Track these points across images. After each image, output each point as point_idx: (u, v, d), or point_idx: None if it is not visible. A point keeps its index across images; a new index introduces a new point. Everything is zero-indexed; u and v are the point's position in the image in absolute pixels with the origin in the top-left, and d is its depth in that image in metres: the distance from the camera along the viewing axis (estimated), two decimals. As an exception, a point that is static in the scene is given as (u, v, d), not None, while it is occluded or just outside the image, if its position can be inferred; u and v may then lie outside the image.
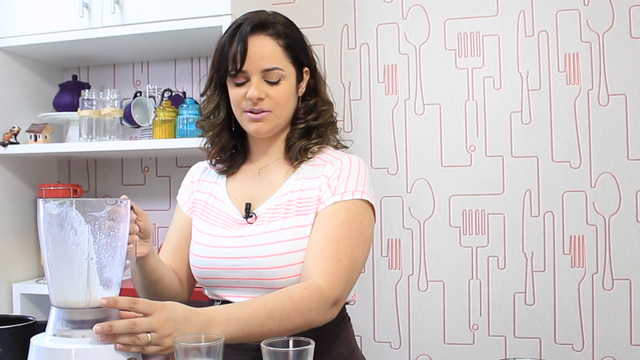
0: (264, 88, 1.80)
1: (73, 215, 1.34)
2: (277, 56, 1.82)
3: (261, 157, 1.94)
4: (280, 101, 1.82)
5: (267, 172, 1.92)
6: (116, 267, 1.42)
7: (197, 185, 2.02)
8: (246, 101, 1.80)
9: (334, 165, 1.84)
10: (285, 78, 1.83)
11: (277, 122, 1.85)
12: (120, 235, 1.42)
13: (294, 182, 1.85)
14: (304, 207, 1.80)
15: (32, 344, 1.37)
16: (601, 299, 2.82)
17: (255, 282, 1.77)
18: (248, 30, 1.79)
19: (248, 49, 1.78)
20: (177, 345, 1.31)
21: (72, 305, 1.37)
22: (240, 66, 1.78)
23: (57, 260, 1.38)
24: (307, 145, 1.89)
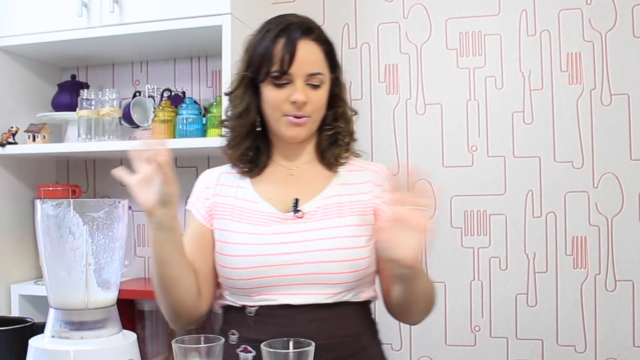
0: (306, 92, 1.79)
1: (71, 217, 1.34)
2: (321, 61, 1.83)
3: (288, 159, 1.92)
4: (319, 106, 1.83)
5: (302, 174, 1.91)
6: (114, 268, 1.42)
7: (216, 190, 1.92)
8: (289, 105, 1.78)
9: (378, 173, 1.93)
10: (324, 83, 1.83)
11: (312, 127, 1.85)
12: (118, 236, 1.42)
13: (338, 187, 1.87)
14: (360, 208, 1.84)
15: (31, 345, 1.37)
16: (604, 301, 2.80)
17: (311, 278, 1.74)
18: (299, 34, 1.79)
19: (297, 51, 1.77)
20: (177, 346, 1.31)
21: (71, 307, 1.38)
22: (288, 68, 1.76)
23: (55, 261, 1.39)
24: (340, 152, 1.91)
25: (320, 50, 1.82)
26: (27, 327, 1.54)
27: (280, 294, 1.75)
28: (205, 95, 3.19)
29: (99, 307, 1.38)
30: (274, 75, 1.78)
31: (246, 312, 1.78)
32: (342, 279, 1.74)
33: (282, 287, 1.74)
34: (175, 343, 1.32)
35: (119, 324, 1.44)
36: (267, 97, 1.81)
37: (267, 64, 1.79)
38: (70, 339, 1.36)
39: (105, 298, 1.41)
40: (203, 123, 2.86)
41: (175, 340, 1.33)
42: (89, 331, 1.36)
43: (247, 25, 2.79)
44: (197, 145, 2.76)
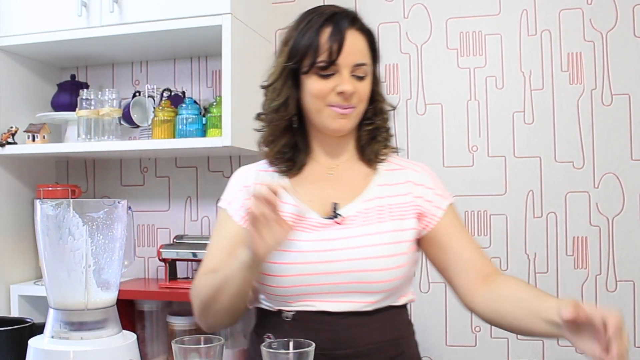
0: (353, 83, 1.74)
1: (70, 217, 1.34)
2: (366, 52, 1.79)
3: (328, 157, 1.87)
4: (364, 98, 1.78)
5: (340, 174, 1.86)
6: (114, 268, 1.42)
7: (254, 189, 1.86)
8: (335, 95, 1.73)
9: (418, 172, 1.88)
10: (368, 75, 1.79)
11: (356, 120, 1.81)
12: (118, 236, 1.41)
13: (377, 189, 1.82)
14: (399, 212, 1.79)
15: (30, 345, 1.37)
16: (605, 301, 2.79)
17: (351, 287, 1.70)
18: (347, 24, 1.75)
19: (345, 40, 1.72)
20: (176, 347, 1.30)
21: (70, 307, 1.37)
22: (336, 58, 1.71)
23: (55, 261, 1.39)
24: (380, 148, 1.87)
25: (365, 40, 1.79)
26: (26, 327, 1.54)
27: (318, 301, 1.71)
28: (205, 95, 3.19)
29: (98, 307, 1.38)
30: (320, 65, 1.73)
31: (282, 317, 1.74)
32: (382, 287, 1.71)
33: (321, 294, 1.70)
34: (175, 343, 1.33)
35: (118, 325, 1.44)
36: (311, 88, 1.76)
37: (312, 55, 1.73)
38: (70, 340, 1.36)
39: (105, 298, 1.40)
40: (203, 123, 2.85)
41: (175, 341, 1.34)
42: (88, 331, 1.36)
43: (247, 25, 2.79)
44: (197, 145, 2.76)
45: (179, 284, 2.90)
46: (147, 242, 3.27)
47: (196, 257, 2.87)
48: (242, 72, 2.75)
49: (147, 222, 3.26)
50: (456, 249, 1.79)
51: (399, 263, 1.72)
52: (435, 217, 1.80)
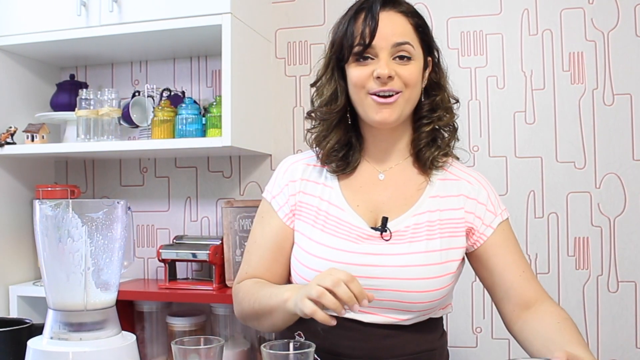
0: (393, 66, 1.65)
1: (69, 217, 1.33)
2: (409, 33, 1.69)
3: (381, 157, 1.81)
4: (410, 81, 1.67)
5: (392, 179, 1.79)
6: (114, 269, 1.41)
7: (301, 186, 1.80)
8: (373, 81, 1.66)
9: (472, 185, 1.80)
10: (415, 58, 1.69)
11: (404, 109, 1.70)
12: (117, 237, 1.41)
13: (429, 201, 1.74)
14: (449, 229, 1.73)
15: (29, 347, 1.36)
16: (606, 302, 2.78)
17: (392, 304, 1.66)
18: (379, 6, 1.68)
19: (379, 22, 1.65)
20: (176, 348, 1.30)
21: (70, 308, 1.37)
22: (370, 41, 1.64)
23: (54, 262, 1.38)
24: (438, 155, 1.77)
25: (407, 22, 1.70)
26: (25, 328, 1.54)
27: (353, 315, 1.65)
28: (204, 95, 3.18)
29: (98, 308, 1.38)
30: (356, 51, 1.67)
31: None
32: (423, 307, 1.67)
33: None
34: (174, 344, 1.33)
35: (118, 325, 1.43)
36: (351, 76, 1.70)
37: (348, 41, 1.68)
38: (69, 341, 1.35)
39: (105, 299, 1.40)
40: (203, 123, 2.84)
41: (175, 342, 1.34)
42: (87, 332, 1.35)
43: (247, 25, 2.78)
44: (196, 145, 2.75)
45: (179, 285, 2.89)
46: (146, 242, 3.26)
47: (196, 257, 2.86)
48: (242, 71, 2.74)
49: (147, 222, 3.25)
50: (501, 272, 1.73)
51: (445, 284, 1.68)
52: (483, 236, 1.75)
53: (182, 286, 2.88)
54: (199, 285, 2.87)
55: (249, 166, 3.12)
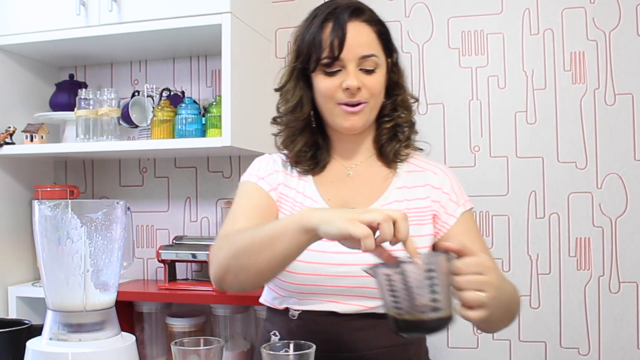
0: (360, 77, 1.70)
1: (69, 218, 1.33)
2: (374, 43, 1.73)
3: (348, 155, 1.85)
4: (375, 91, 1.73)
5: (359, 174, 1.83)
6: (113, 269, 1.41)
7: (283, 178, 1.83)
8: (342, 92, 1.69)
9: (437, 175, 1.83)
10: (380, 67, 1.73)
11: (370, 116, 1.76)
12: (117, 237, 1.40)
13: (397, 192, 1.79)
14: (417, 217, 1.75)
15: (28, 347, 1.35)
16: (607, 302, 2.78)
17: (362, 291, 1.66)
18: (347, 16, 1.70)
19: (348, 28, 1.68)
20: (176, 349, 1.30)
21: (69, 309, 1.36)
22: (339, 53, 1.67)
23: (53, 263, 1.37)
24: (400, 147, 1.82)
25: (372, 31, 1.74)
26: (24, 329, 1.53)
27: (326, 301, 1.69)
28: (204, 95, 3.17)
29: (97, 309, 1.37)
30: (324, 62, 1.70)
31: (289, 315, 1.73)
32: None
33: (331, 295, 1.68)
34: (174, 345, 1.33)
35: (117, 326, 1.42)
36: (318, 87, 1.73)
37: (316, 52, 1.71)
38: (68, 341, 1.34)
39: (104, 300, 1.39)
40: (202, 123, 2.83)
41: (175, 343, 1.33)
42: (87, 333, 1.35)
43: (247, 24, 2.77)
44: (196, 145, 2.74)
45: (179, 286, 2.89)
46: (146, 243, 3.25)
47: (196, 258, 2.86)
48: (242, 71, 2.73)
49: (146, 222, 3.25)
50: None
51: None
52: (446, 225, 1.77)
53: (181, 287, 2.87)
54: (199, 286, 2.86)
55: (248, 166, 3.10)
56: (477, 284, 1.27)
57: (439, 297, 1.24)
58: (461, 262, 1.28)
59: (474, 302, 1.27)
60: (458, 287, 1.27)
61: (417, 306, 1.24)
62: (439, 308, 1.24)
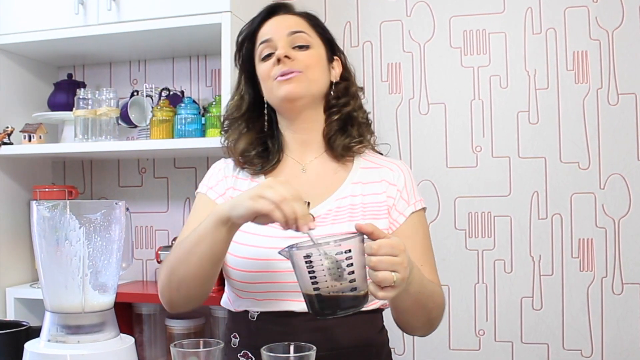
0: (291, 52, 1.76)
1: (67, 219, 1.32)
2: (303, 25, 1.83)
3: (300, 152, 1.87)
4: (310, 63, 1.78)
5: (313, 170, 1.85)
6: (112, 271, 1.41)
7: (232, 182, 1.86)
8: (275, 67, 1.76)
9: (393, 171, 1.85)
10: (313, 46, 1.81)
11: (309, 86, 1.78)
12: (115, 238, 1.40)
13: (352, 187, 1.81)
14: (372, 212, 1.77)
15: (27, 349, 1.35)
16: (611, 304, 2.77)
17: None
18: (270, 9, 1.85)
19: (271, 21, 1.82)
20: (175, 350, 1.30)
21: (67, 310, 1.36)
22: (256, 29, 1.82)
23: (52, 264, 1.37)
24: (350, 142, 1.84)
25: (300, 19, 1.84)
26: (22, 331, 1.53)
27: (283, 300, 1.69)
28: (204, 95, 3.16)
29: (95, 310, 1.37)
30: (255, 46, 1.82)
31: (249, 317, 1.74)
32: None
33: (286, 293, 1.68)
34: (173, 347, 1.32)
35: (116, 328, 1.42)
36: (259, 74, 1.82)
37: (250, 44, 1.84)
38: (67, 343, 1.34)
39: (103, 301, 1.39)
40: (202, 123, 2.82)
41: (174, 344, 1.33)
42: (85, 335, 1.34)
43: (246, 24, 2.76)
44: (196, 145, 2.73)
45: (178, 287, 2.87)
46: (145, 244, 3.24)
47: (195, 259, 2.84)
48: (242, 71, 2.72)
49: (146, 223, 3.23)
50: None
51: None
52: (396, 223, 1.79)
53: (181, 288, 2.85)
54: (199, 287, 2.85)
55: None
56: (390, 264, 1.35)
57: (355, 276, 1.34)
58: (375, 243, 1.36)
59: (386, 282, 1.34)
60: (372, 266, 1.35)
61: (336, 285, 1.34)
62: (355, 287, 1.35)
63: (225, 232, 1.53)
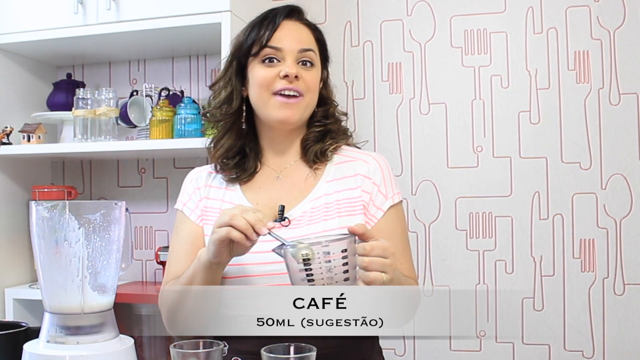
0: (298, 69, 1.76)
1: (66, 219, 1.33)
2: (312, 42, 1.83)
3: (276, 158, 1.88)
4: (312, 86, 1.79)
5: (288, 176, 1.85)
6: (111, 271, 1.41)
7: (205, 192, 1.88)
8: (279, 81, 1.75)
9: (369, 164, 1.84)
10: (316, 66, 1.82)
11: (304, 112, 1.80)
12: (115, 239, 1.40)
13: (326, 186, 1.81)
14: (347, 208, 1.77)
15: (25, 350, 1.35)
16: (612, 304, 2.76)
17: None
18: (284, 14, 1.81)
19: (285, 28, 1.79)
20: (175, 351, 1.30)
21: (66, 311, 1.35)
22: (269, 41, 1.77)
23: (51, 264, 1.37)
24: (323, 147, 1.84)
25: (310, 33, 1.84)
26: (21, 331, 1.52)
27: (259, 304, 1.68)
28: (204, 95, 3.14)
29: (95, 311, 1.37)
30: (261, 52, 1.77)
31: None
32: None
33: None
34: (173, 348, 1.32)
35: (115, 329, 1.41)
36: (256, 76, 1.78)
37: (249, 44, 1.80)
38: (66, 344, 1.33)
39: (102, 302, 1.38)
40: (202, 123, 2.81)
41: (174, 345, 1.33)
42: (85, 336, 1.34)
43: (246, 23, 2.75)
44: (195, 145, 2.71)
45: (178, 287, 2.86)
46: (144, 244, 3.24)
47: (195, 259, 2.84)
48: (242, 70, 2.71)
49: (145, 224, 3.22)
50: None
51: None
52: (374, 219, 1.79)
53: (180, 289, 2.85)
54: (198, 287, 2.84)
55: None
56: (381, 266, 1.41)
57: (349, 276, 1.41)
58: (369, 245, 1.41)
59: (377, 282, 1.40)
60: (364, 267, 1.41)
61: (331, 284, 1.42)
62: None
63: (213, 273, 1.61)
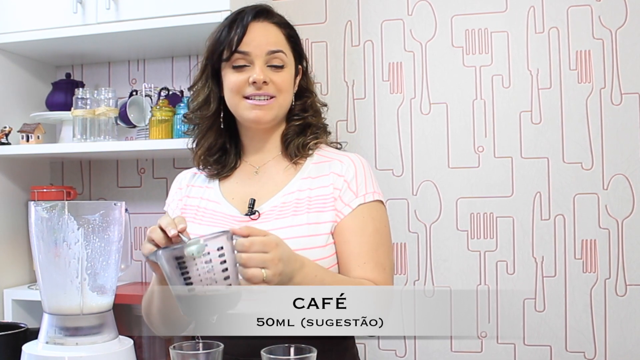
0: (267, 73, 1.78)
1: (65, 220, 1.33)
2: (281, 42, 1.84)
3: (256, 154, 1.92)
4: (283, 88, 1.81)
5: (266, 171, 1.90)
6: (110, 272, 1.41)
7: (186, 191, 1.95)
8: (248, 86, 1.78)
9: (343, 163, 1.85)
10: (287, 66, 1.83)
11: (278, 111, 1.83)
12: (114, 239, 1.40)
13: (300, 182, 1.83)
14: (317, 205, 1.79)
15: (24, 351, 1.35)
16: (614, 305, 2.76)
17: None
18: (251, 16, 1.81)
19: (252, 32, 1.79)
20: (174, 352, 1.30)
21: (65, 312, 1.36)
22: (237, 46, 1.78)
23: (50, 265, 1.37)
24: (305, 141, 1.87)
25: (279, 32, 1.85)
26: (20, 332, 1.54)
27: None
28: (203, 95, 3.14)
29: (94, 312, 1.37)
30: (228, 57, 1.79)
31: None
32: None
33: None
34: (173, 349, 1.33)
35: (115, 330, 1.42)
36: (227, 82, 1.82)
37: (220, 49, 1.81)
38: (65, 345, 1.34)
39: (101, 303, 1.39)
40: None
41: (173, 347, 1.33)
42: (84, 337, 1.35)
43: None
44: (195, 145, 2.71)
45: (177, 288, 2.85)
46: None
47: (195, 260, 2.83)
48: (242, 70, 2.71)
49: (145, 224, 3.21)
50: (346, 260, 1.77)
51: (314, 257, 1.70)
52: (340, 214, 1.79)
53: (180, 289, 2.84)
54: (198, 288, 2.83)
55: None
56: (261, 261, 1.40)
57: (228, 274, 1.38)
58: (247, 240, 1.41)
59: (256, 278, 1.40)
60: (242, 263, 1.40)
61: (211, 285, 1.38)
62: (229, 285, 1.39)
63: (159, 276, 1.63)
